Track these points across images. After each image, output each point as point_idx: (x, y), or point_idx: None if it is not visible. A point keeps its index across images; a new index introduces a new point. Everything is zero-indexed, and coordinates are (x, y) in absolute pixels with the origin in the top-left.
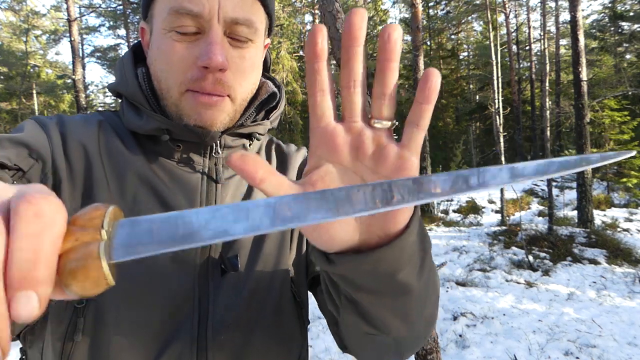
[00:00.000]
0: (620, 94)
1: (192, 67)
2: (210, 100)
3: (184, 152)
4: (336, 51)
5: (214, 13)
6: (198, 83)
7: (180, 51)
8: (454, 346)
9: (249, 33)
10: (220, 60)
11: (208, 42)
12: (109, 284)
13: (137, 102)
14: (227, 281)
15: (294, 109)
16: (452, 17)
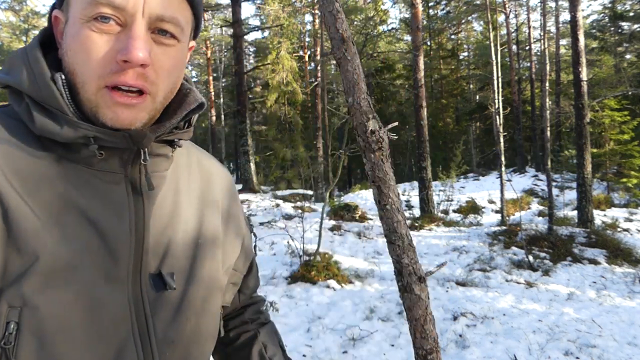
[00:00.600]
0: (620, 94)
1: (111, 61)
2: (129, 100)
3: (106, 159)
4: (336, 51)
5: (138, 7)
6: (117, 77)
7: (99, 43)
8: (454, 346)
9: (175, 31)
10: (142, 56)
11: (130, 36)
12: None
13: (53, 107)
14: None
15: (294, 109)
16: (452, 17)
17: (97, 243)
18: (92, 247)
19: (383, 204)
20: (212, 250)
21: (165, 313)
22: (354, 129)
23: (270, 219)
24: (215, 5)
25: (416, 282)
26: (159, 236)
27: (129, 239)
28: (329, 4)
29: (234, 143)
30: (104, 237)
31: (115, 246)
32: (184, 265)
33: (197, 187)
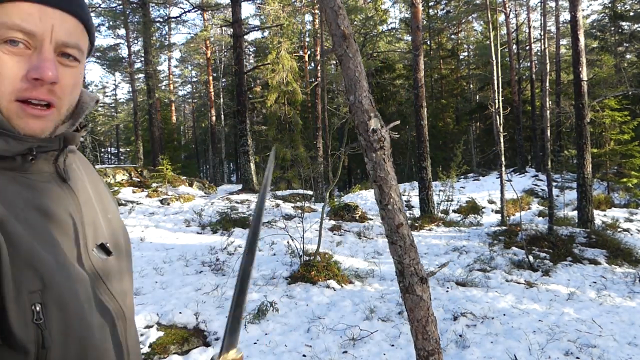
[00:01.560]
0: (621, 94)
1: (22, 79)
2: (41, 111)
3: (36, 164)
4: (337, 48)
5: (47, 34)
6: (28, 92)
7: (10, 63)
8: (454, 346)
9: (77, 55)
10: (51, 75)
11: (42, 58)
12: None
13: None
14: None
15: (294, 109)
16: (452, 17)
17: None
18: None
19: (385, 203)
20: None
21: (112, 272)
22: (355, 128)
23: (270, 219)
24: (215, 5)
25: (418, 283)
26: (89, 216)
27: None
28: (330, 0)
29: (234, 143)
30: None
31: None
32: (108, 233)
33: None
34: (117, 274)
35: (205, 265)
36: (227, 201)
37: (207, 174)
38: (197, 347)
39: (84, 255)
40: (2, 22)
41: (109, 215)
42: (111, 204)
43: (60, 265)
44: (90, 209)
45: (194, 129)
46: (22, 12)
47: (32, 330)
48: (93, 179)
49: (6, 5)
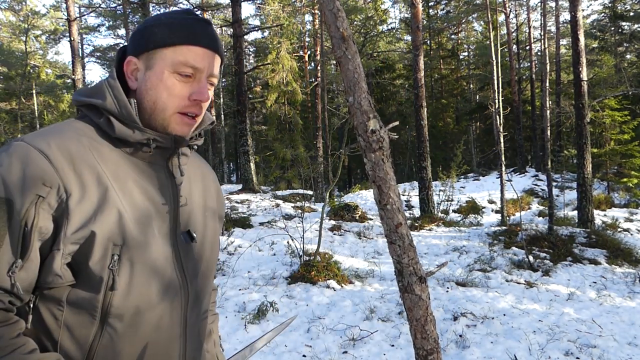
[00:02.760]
0: (621, 94)
1: (185, 99)
2: (191, 121)
3: (153, 155)
4: (336, 50)
5: (206, 69)
6: (188, 108)
7: (179, 87)
8: (454, 346)
9: (215, 82)
10: (207, 97)
11: (201, 85)
12: None
13: (128, 120)
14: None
15: (294, 109)
16: (452, 17)
17: (152, 209)
18: (153, 213)
19: (383, 203)
20: (213, 219)
21: (191, 256)
22: (355, 129)
23: (270, 219)
24: (215, 5)
25: (417, 283)
26: (184, 207)
27: (169, 208)
28: (329, 2)
29: (234, 143)
30: (156, 205)
31: (162, 211)
32: (200, 227)
33: (200, 179)
34: (194, 258)
35: None
36: (227, 201)
37: None
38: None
39: (172, 234)
40: (182, 60)
41: (206, 213)
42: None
43: (143, 233)
44: (188, 202)
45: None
46: (195, 55)
47: (106, 272)
48: (206, 185)
49: (184, 48)
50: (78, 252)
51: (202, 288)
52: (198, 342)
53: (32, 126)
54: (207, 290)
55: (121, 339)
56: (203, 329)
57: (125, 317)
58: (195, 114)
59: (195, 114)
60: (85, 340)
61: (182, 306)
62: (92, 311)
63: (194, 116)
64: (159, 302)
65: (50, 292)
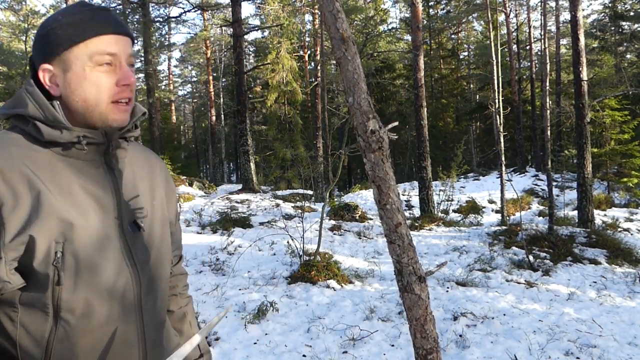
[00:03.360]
0: (621, 94)
1: (114, 87)
2: (126, 107)
3: (88, 152)
4: (336, 51)
5: (122, 53)
6: (120, 95)
7: (105, 78)
8: (454, 346)
9: (134, 62)
10: (133, 79)
11: (124, 70)
12: None
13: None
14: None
15: (293, 109)
16: (452, 16)
17: (96, 205)
18: (94, 208)
19: (383, 203)
20: (162, 207)
21: (140, 245)
22: (354, 129)
23: (270, 219)
24: (215, 5)
25: (416, 282)
26: (129, 198)
27: (112, 201)
28: (329, 4)
29: (234, 143)
30: (98, 200)
31: (106, 206)
32: (147, 216)
33: (146, 169)
34: (144, 246)
35: (205, 265)
36: (227, 201)
37: (207, 173)
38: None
39: (118, 226)
40: (98, 51)
41: (154, 202)
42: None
43: (85, 228)
44: (132, 194)
45: (194, 128)
46: (107, 42)
47: (51, 269)
48: (152, 174)
49: (95, 39)
50: (23, 256)
51: (155, 274)
52: (157, 326)
53: None
54: (162, 276)
55: (75, 331)
56: (162, 313)
57: (76, 309)
58: (128, 98)
59: (128, 99)
60: (41, 337)
61: (136, 293)
62: (44, 308)
63: (127, 101)
64: (109, 291)
65: (2, 297)
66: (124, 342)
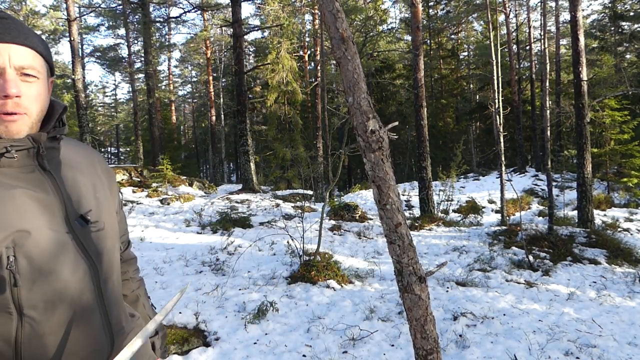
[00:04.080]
0: (621, 94)
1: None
2: (12, 117)
3: (20, 159)
4: (336, 51)
5: (6, 63)
6: (3, 107)
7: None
8: (454, 346)
9: (35, 73)
10: (14, 91)
11: (5, 80)
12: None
13: None
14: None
15: (293, 109)
16: (452, 16)
17: (40, 207)
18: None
19: (383, 203)
20: (106, 198)
21: (90, 238)
22: (354, 129)
23: (270, 219)
24: (215, 5)
25: (416, 282)
26: (72, 195)
27: (55, 200)
28: (329, 4)
29: (234, 143)
30: (41, 203)
31: (50, 206)
32: (93, 209)
33: (85, 164)
34: (95, 238)
35: (205, 265)
36: (227, 201)
37: (207, 173)
38: (197, 347)
39: (65, 222)
40: None
41: (97, 194)
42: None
43: (34, 229)
44: (74, 190)
45: (194, 129)
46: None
47: (7, 273)
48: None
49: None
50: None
51: (109, 263)
52: (118, 312)
53: None
54: (115, 263)
55: (41, 325)
56: (120, 299)
57: (38, 305)
58: (11, 112)
59: (11, 112)
60: (9, 336)
61: (95, 282)
62: (6, 309)
63: (13, 113)
64: (69, 286)
65: None
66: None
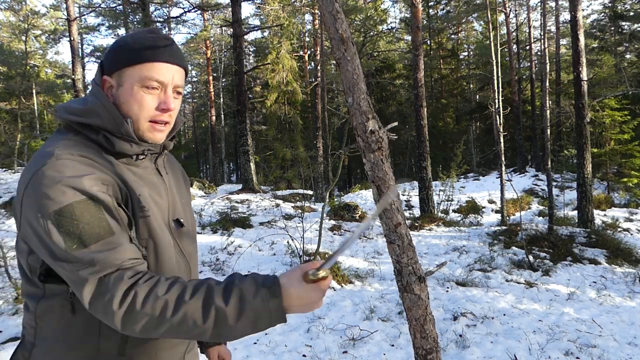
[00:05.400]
0: (621, 94)
1: (153, 109)
2: (162, 127)
3: (144, 161)
4: (336, 51)
5: (170, 81)
6: (158, 117)
7: (149, 99)
8: (454, 346)
9: (181, 91)
10: (173, 106)
11: (167, 96)
12: None
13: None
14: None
15: (293, 109)
16: (452, 16)
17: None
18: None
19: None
20: (188, 203)
21: (184, 239)
22: (354, 129)
23: (270, 219)
24: (215, 5)
25: (416, 282)
26: (172, 199)
27: (165, 203)
28: (328, 5)
29: (234, 143)
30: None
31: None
32: (183, 212)
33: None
34: (186, 239)
35: (205, 265)
36: (227, 201)
37: (207, 173)
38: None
39: (169, 224)
40: (147, 75)
41: (183, 200)
42: (186, 195)
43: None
44: (173, 195)
45: (194, 129)
46: (158, 69)
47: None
48: (176, 175)
49: (148, 65)
50: None
51: (195, 263)
52: None
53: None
54: (196, 262)
55: None
56: None
57: None
58: (165, 121)
59: (165, 122)
60: None
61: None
62: None
63: (165, 123)
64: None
65: None
66: None
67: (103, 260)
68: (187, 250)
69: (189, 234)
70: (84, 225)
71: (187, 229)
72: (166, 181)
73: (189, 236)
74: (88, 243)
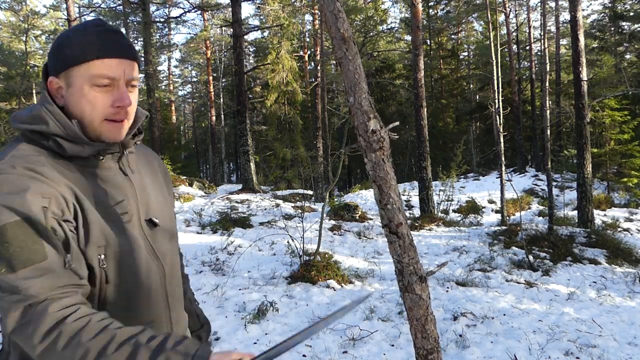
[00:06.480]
0: (621, 94)
1: (108, 107)
2: (120, 124)
3: (105, 162)
4: (337, 51)
5: (121, 76)
6: (113, 115)
7: (101, 98)
8: (454, 346)
9: (136, 83)
10: (128, 102)
11: (120, 92)
12: None
13: (76, 138)
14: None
15: (293, 109)
16: (452, 16)
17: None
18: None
19: (384, 203)
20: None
21: (158, 239)
22: (355, 129)
23: (270, 218)
24: (215, 5)
25: (417, 282)
26: (142, 198)
27: (133, 204)
28: (330, 4)
29: (234, 143)
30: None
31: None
32: (158, 211)
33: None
34: (161, 239)
35: (205, 265)
36: (227, 201)
37: (207, 173)
38: None
39: (138, 225)
40: (96, 74)
41: (160, 197)
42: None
43: (119, 231)
44: (144, 194)
45: (194, 129)
46: (108, 66)
47: (99, 270)
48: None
49: (96, 62)
50: None
51: (173, 262)
52: (179, 306)
53: None
54: (177, 262)
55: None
56: (180, 294)
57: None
58: (121, 118)
59: (121, 119)
60: None
61: (162, 282)
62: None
63: (121, 120)
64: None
65: None
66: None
67: (30, 288)
68: (161, 250)
69: (166, 233)
70: (15, 249)
71: (163, 228)
72: (133, 181)
73: (166, 235)
74: (17, 268)
